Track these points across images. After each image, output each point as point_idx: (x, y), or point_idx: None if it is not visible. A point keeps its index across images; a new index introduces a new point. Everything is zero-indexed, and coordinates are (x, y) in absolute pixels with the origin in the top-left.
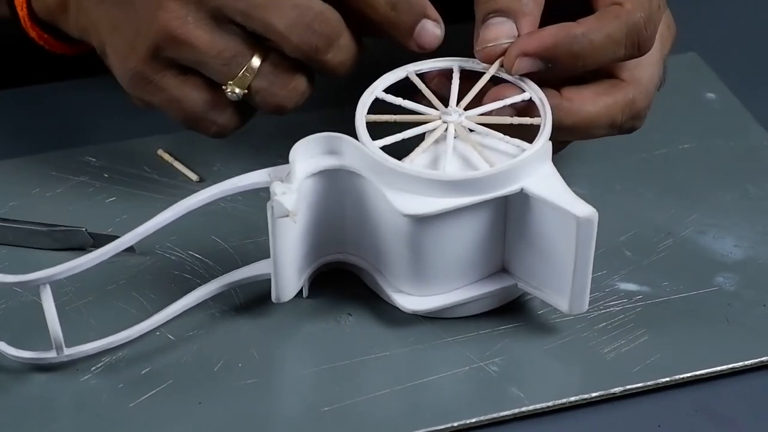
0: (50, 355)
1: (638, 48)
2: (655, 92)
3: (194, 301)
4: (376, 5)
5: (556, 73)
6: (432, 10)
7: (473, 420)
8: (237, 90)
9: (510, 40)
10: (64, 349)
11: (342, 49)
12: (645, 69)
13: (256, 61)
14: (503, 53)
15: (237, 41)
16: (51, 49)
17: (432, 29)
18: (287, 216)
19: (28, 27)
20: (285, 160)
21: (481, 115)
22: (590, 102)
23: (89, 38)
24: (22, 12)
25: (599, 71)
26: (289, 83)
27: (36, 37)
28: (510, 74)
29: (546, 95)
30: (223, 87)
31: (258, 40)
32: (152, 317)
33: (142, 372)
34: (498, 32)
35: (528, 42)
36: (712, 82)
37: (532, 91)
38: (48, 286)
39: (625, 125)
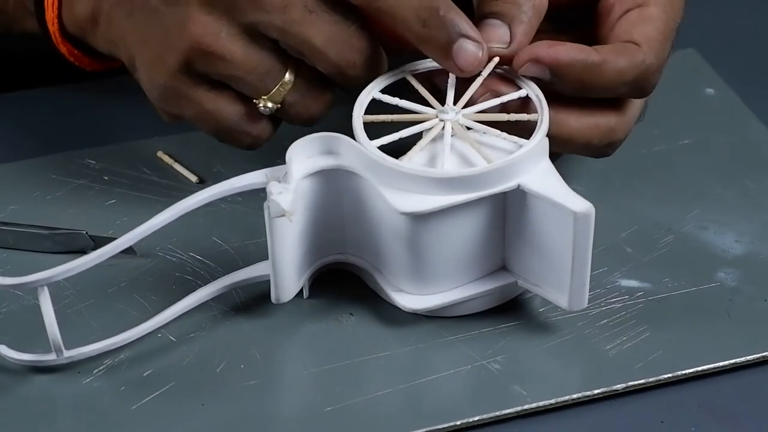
0: (50, 357)
1: (641, 92)
2: (633, 126)
3: (194, 302)
4: (407, 21)
5: (554, 87)
6: (471, 30)
7: (476, 418)
8: (270, 104)
9: (502, 45)
10: (64, 351)
11: (374, 65)
12: (632, 102)
13: (290, 76)
14: (494, 57)
15: (270, 56)
16: (80, 65)
17: (471, 50)
18: (284, 215)
19: (59, 43)
20: (284, 161)
21: (478, 112)
22: (574, 118)
23: (118, 52)
24: (53, 27)
25: None
26: (321, 95)
27: (66, 53)
28: (515, 72)
29: None
30: (255, 101)
31: (289, 54)
32: (152, 319)
33: (144, 374)
34: (491, 35)
35: (545, 51)
36: (711, 78)
37: (528, 88)
38: (46, 288)
39: (597, 150)
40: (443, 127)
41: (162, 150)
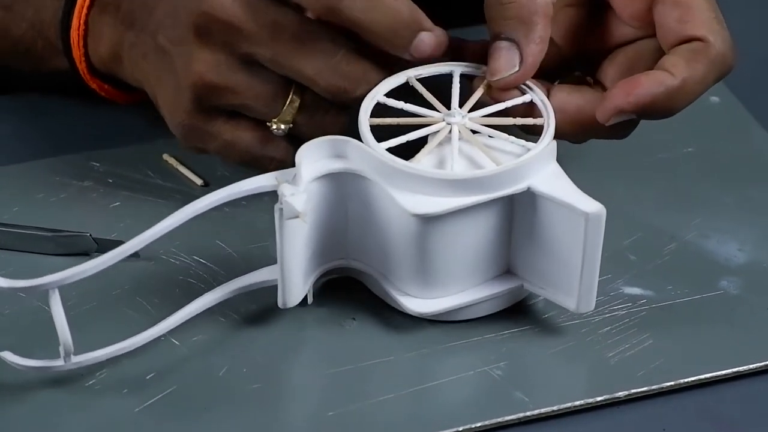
0: (57, 363)
1: (721, 79)
2: None
3: (199, 308)
4: (377, 33)
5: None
6: (426, 22)
7: (478, 424)
8: (282, 126)
9: (513, 71)
10: (72, 357)
11: (370, 84)
12: None
13: (295, 97)
14: (511, 84)
15: (273, 81)
16: (112, 98)
17: (427, 40)
18: (297, 217)
19: (88, 80)
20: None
21: (484, 116)
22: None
23: (144, 89)
24: (81, 66)
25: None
26: (329, 110)
27: (97, 88)
28: (603, 123)
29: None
30: (268, 124)
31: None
32: (159, 324)
33: (147, 377)
34: (502, 64)
35: (625, 100)
36: (715, 86)
37: (533, 93)
38: (57, 291)
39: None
40: (450, 131)
41: (167, 153)
